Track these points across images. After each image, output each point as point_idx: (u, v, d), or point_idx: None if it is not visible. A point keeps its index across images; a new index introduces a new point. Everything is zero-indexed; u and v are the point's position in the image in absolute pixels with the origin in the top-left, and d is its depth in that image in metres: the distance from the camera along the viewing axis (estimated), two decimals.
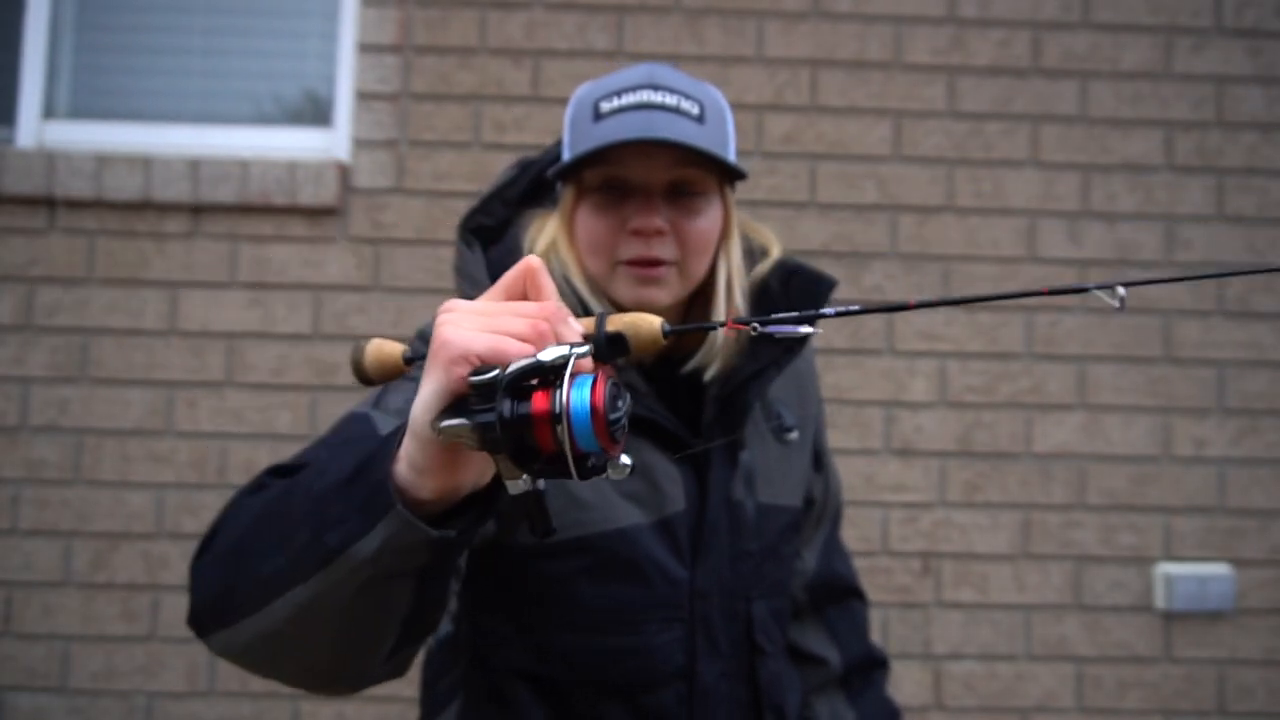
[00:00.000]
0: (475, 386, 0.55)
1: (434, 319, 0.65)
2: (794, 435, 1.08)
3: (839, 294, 2.35)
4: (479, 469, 0.61)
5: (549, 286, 0.61)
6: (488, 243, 1.05)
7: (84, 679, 2.11)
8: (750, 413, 1.02)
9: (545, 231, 1.01)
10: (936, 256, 2.24)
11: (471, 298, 0.69)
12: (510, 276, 0.62)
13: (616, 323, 0.64)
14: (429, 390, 0.58)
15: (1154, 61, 2.29)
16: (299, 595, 0.64)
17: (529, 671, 0.96)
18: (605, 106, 0.96)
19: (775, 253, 1.07)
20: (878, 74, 2.27)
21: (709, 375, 1.00)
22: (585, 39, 2.24)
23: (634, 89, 0.96)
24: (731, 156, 0.99)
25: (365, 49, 2.23)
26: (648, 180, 0.95)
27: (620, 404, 0.56)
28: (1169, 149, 2.28)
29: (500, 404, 0.54)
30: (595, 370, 0.57)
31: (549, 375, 0.55)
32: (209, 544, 0.74)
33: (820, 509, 1.17)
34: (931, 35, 2.28)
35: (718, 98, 1.02)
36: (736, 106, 2.23)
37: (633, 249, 0.95)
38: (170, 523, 2.14)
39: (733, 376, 1.00)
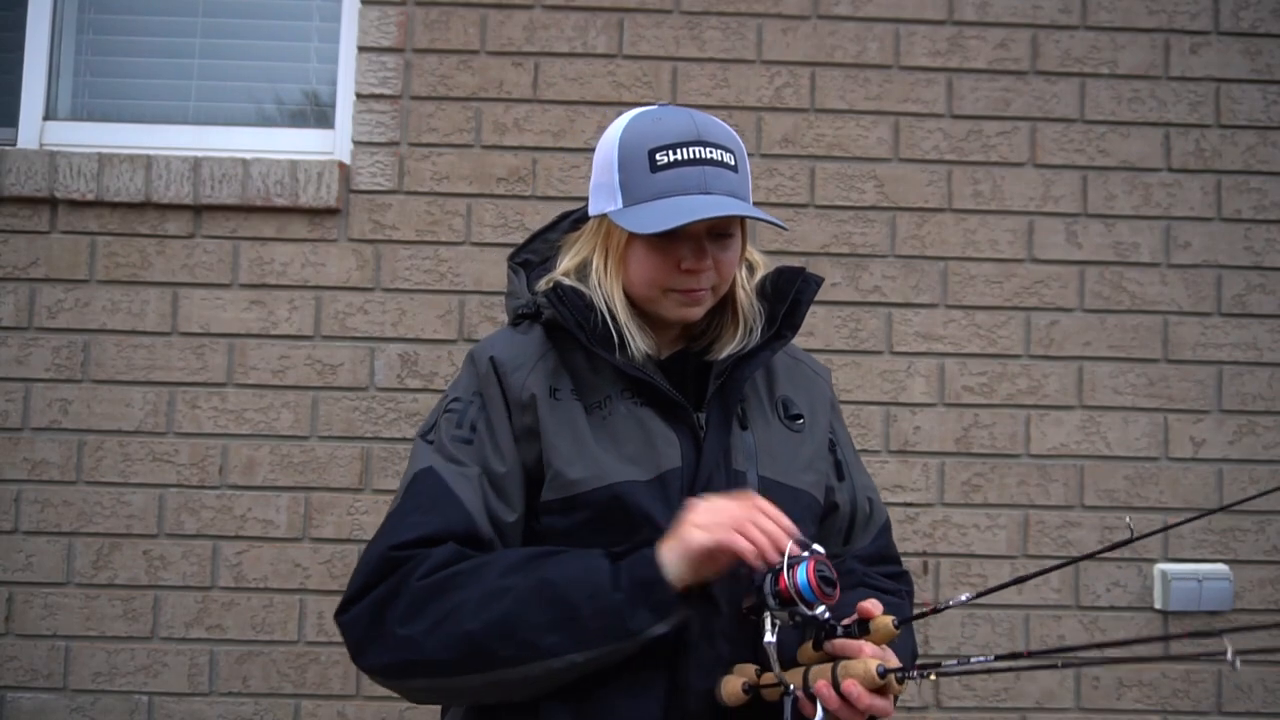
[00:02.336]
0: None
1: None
2: (802, 422, 1.22)
3: (838, 295, 2.37)
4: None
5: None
6: (530, 271, 1.27)
7: (85, 678, 2.12)
8: (741, 387, 1.17)
9: (578, 253, 1.20)
10: (935, 257, 2.25)
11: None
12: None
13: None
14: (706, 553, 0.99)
15: (1152, 63, 2.30)
16: (575, 659, 0.99)
17: None
18: (661, 158, 1.10)
19: (760, 269, 1.26)
20: (877, 75, 2.27)
21: (718, 357, 1.17)
22: (585, 40, 2.25)
23: (685, 144, 1.11)
24: (750, 198, 1.17)
25: (366, 50, 2.23)
26: (698, 228, 1.11)
27: (826, 571, 0.96)
28: (1167, 150, 2.28)
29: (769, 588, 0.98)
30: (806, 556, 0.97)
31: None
32: (418, 610, 1.02)
33: (847, 518, 1.26)
34: (930, 36, 2.28)
35: (738, 139, 1.18)
36: (736, 108, 2.25)
37: (685, 283, 1.13)
38: (171, 523, 2.15)
39: (730, 358, 1.17)
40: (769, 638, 0.97)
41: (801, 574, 0.95)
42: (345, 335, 2.19)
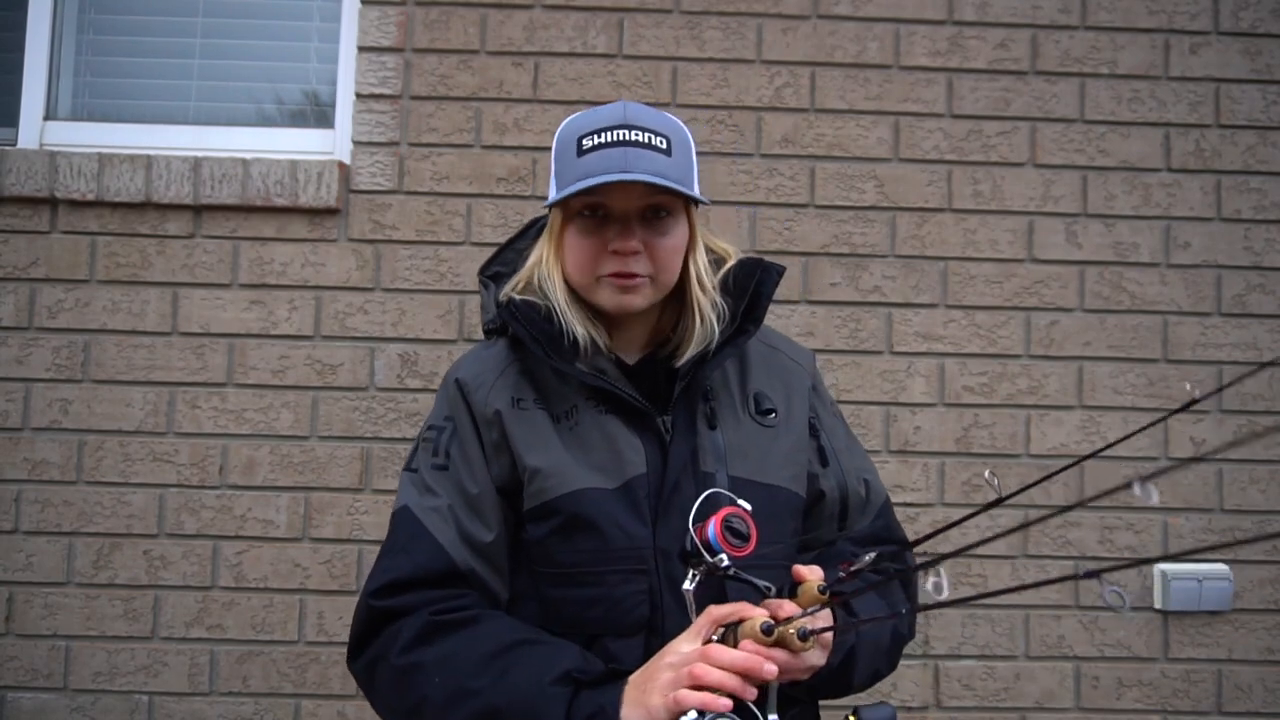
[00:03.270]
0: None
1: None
2: (775, 418, 1.19)
3: (838, 295, 2.36)
4: None
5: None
6: (500, 283, 1.26)
7: (85, 678, 2.12)
8: (708, 383, 1.16)
9: (530, 259, 1.20)
10: (935, 257, 2.25)
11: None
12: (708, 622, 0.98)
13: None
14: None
15: (1152, 63, 2.30)
16: None
17: (540, 624, 1.10)
18: (587, 143, 1.11)
19: (732, 260, 1.22)
20: (877, 75, 2.27)
21: (680, 361, 1.16)
22: (585, 40, 2.25)
23: (611, 127, 1.11)
24: (694, 183, 1.15)
25: (366, 50, 2.23)
26: (625, 208, 1.11)
27: (738, 524, 0.98)
28: (1167, 150, 2.29)
29: None
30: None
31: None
32: (397, 692, 1.05)
33: (837, 504, 1.24)
34: (930, 36, 2.29)
35: (683, 130, 1.17)
36: (736, 108, 2.25)
37: (612, 265, 1.12)
38: (171, 522, 2.15)
39: (692, 360, 1.15)
40: (686, 585, 1.00)
41: (711, 524, 0.98)
42: (345, 335, 2.19)
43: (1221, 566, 2.20)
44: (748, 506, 0.99)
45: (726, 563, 0.97)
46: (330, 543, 2.15)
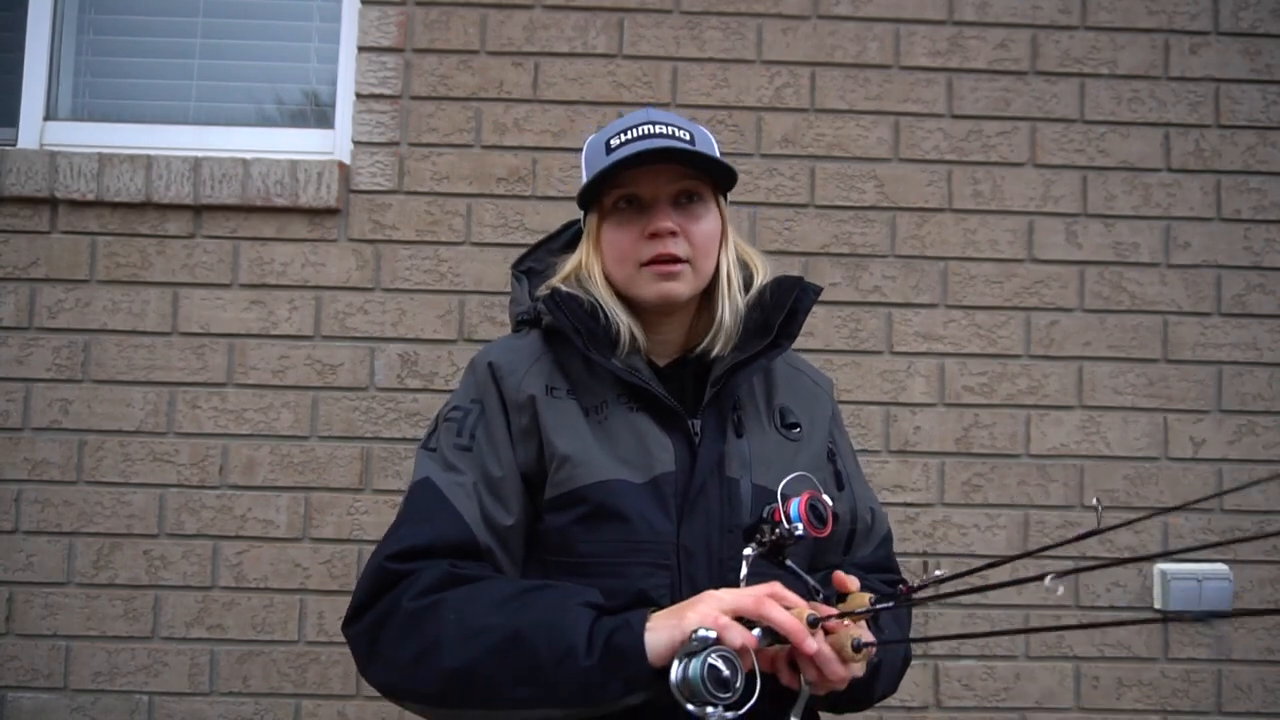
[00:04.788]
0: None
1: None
2: (799, 432, 1.21)
3: (838, 295, 2.36)
4: None
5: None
6: (533, 279, 1.29)
7: (86, 678, 2.12)
8: (738, 392, 1.17)
9: (573, 259, 1.22)
10: (935, 257, 2.25)
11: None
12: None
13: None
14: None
15: (1152, 63, 2.30)
16: (551, 713, 0.97)
17: None
18: (614, 143, 1.16)
19: (760, 277, 1.24)
20: (877, 75, 2.27)
21: (710, 357, 1.18)
22: (585, 40, 2.25)
23: (636, 125, 1.16)
24: (720, 173, 1.18)
25: (366, 50, 2.23)
26: (656, 193, 1.15)
27: (821, 509, 1.02)
28: (1167, 150, 2.28)
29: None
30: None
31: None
32: (406, 637, 1.01)
33: (846, 529, 1.26)
34: (930, 36, 2.29)
35: (707, 134, 1.22)
36: (736, 108, 2.25)
37: (651, 249, 1.14)
38: (172, 522, 2.15)
39: (728, 363, 1.17)
40: (747, 550, 1.03)
41: (795, 503, 1.01)
42: (345, 335, 2.19)
43: (1221, 566, 2.20)
44: (829, 501, 1.03)
45: (800, 532, 0.99)
46: (330, 543, 2.15)
